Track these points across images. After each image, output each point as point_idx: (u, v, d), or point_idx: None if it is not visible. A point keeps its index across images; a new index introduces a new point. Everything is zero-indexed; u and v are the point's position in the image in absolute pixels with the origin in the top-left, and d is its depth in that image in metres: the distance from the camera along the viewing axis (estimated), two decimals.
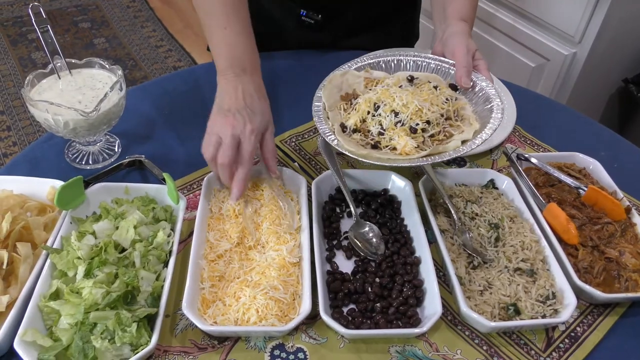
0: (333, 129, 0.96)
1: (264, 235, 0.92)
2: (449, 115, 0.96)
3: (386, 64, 1.10)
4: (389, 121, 0.94)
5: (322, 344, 0.82)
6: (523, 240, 0.92)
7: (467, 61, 1.01)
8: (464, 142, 0.93)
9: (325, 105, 1.00)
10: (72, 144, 1.11)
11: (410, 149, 0.90)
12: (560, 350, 0.82)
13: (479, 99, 1.00)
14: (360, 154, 0.89)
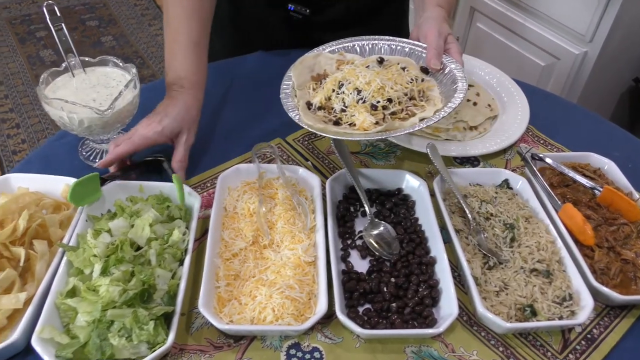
0: (298, 106, 0.99)
1: (279, 235, 0.92)
2: (413, 95, 0.99)
3: (361, 47, 1.12)
4: (352, 99, 0.96)
5: (338, 344, 0.81)
6: (539, 240, 0.91)
7: (437, 44, 1.04)
8: (423, 119, 0.94)
9: (295, 84, 1.03)
10: (85, 142, 1.11)
11: (369, 124, 0.92)
12: (576, 352, 0.82)
13: (447, 81, 1.02)
14: (317, 128, 0.92)
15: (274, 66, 1.12)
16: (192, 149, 1.08)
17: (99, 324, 0.75)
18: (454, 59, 1.04)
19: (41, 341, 0.73)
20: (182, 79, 1.05)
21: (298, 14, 1.33)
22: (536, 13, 2.08)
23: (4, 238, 0.81)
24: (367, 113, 0.94)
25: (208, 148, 1.13)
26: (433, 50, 1.04)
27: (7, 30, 3.74)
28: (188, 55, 1.08)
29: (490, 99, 1.27)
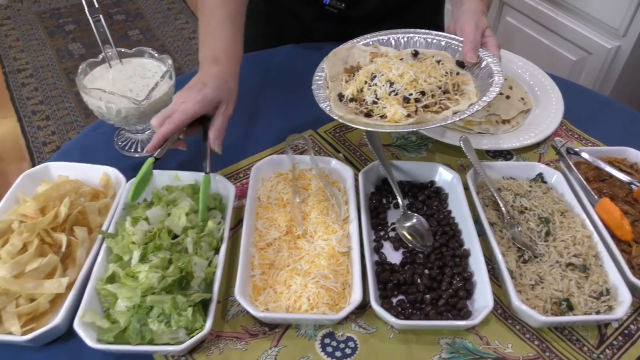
0: (329, 97, 0.98)
1: (312, 225, 0.93)
2: (447, 89, 0.97)
3: (396, 40, 1.11)
4: (384, 91, 0.96)
5: (372, 334, 0.82)
6: (575, 235, 0.91)
7: (474, 37, 1.03)
8: (456, 112, 0.93)
9: (327, 75, 1.03)
10: (120, 132, 1.13)
11: (400, 117, 0.91)
12: (613, 347, 0.81)
13: (484, 75, 1.01)
14: (348, 119, 0.91)
15: (307, 58, 1.13)
16: (225, 140, 1.09)
17: (138, 309, 0.76)
18: (491, 53, 1.03)
19: (83, 325, 0.75)
20: (217, 52, 1.03)
21: (333, 9, 1.32)
22: (568, 7, 2.05)
23: (46, 224, 0.83)
24: (398, 105, 0.93)
25: (241, 139, 1.14)
26: (469, 44, 1.02)
27: (36, 23, 3.81)
28: (224, 30, 1.05)
29: (524, 93, 1.25)
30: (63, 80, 3.25)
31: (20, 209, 0.86)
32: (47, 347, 0.79)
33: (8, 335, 0.76)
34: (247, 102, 1.24)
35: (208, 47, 1.04)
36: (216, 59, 1.01)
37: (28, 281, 0.78)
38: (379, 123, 0.92)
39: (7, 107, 3.05)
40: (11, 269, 0.78)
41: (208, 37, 1.05)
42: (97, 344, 0.74)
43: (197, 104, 0.94)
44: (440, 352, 0.80)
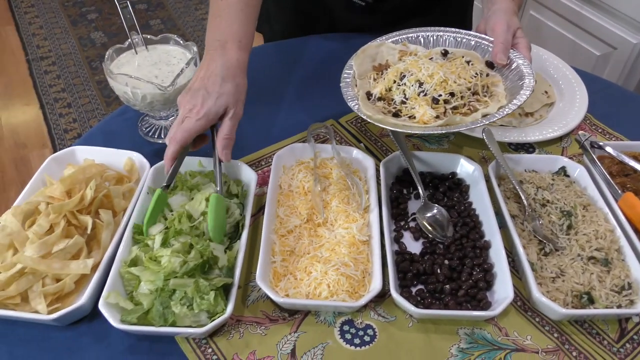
0: (358, 95, 0.98)
1: (333, 213, 0.93)
2: (477, 90, 0.96)
3: (425, 38, 1.10)
4: (413, 91, 0.94)
5: (391, 322, 0.82)
6: (597, 229, 0.90)
7: (505, 38, 1.00)
8: (486, 115, 0.92)
9: (356, 73, 1.02)
10: (144, 118, 1.14)
11: (429, 118, 0.90)
12: (634, 342, 0.81)
13: (514, 77, 0.99)
14: (376, 118, 0.91)
15: (333, 50, 1.13)
16: (248, 128, 1.10)
17: (161, 292, 0.78)
18: (522, 54, 1.01)
19: (107, 305, 0.77)
20: (226, 37, 0.97)
21: (361, 1, 1.32)
22: (593, 1, 2.02)
23: (72, 206, 0.85)
24: (427, 106, 0.92)
25: (264, 127, 1.15)
26: (500, 45, 1.00)
27: (59, 12, 3.85)
28: (237, 14, 1.00)
29: (547, 86, 1.24)
30: (85, 68, 3.29)
31: (48, 191, 0.87)
32: (72, 326, 0.81)
33: (34, 314, 0.78)
34: (271, 90, 1.24)
35: (217, 30, 0.99)
36: (224, 45, 0.96)
37: (54, 261, 0.80)
38: (407, 124, 0.91)
39: (30, 94, 3.10)
40: (38, 249, 0.80)
41: (217, 18, 1.00)
42: (120, 324, 0.75)
43: (200, 120, 0.89)
44: (458, 342, 0.80)
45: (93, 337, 0.79)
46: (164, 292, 0.78)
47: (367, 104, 0.95)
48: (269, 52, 1.09)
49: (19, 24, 3.70)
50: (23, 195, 0.91)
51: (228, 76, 0.93)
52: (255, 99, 1.22)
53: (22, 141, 2.78)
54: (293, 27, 1.46)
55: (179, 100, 0.93)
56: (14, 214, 0.83)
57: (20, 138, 2.80)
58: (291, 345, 0.79)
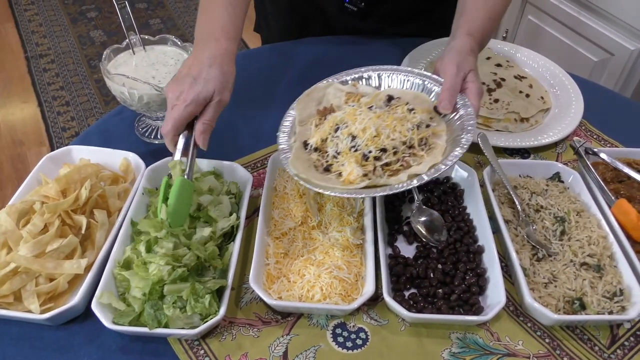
0: (292, 146, 0.93)
1: (327, 216, 0.93)
2: (413, 144, 0.88)
3: (377, 78, 1.02)
4: (345, 145, 0.88)
5: (383, 326, 0.82)
6: (590, 235, 0.90)
7: (452, 83, 0.92)
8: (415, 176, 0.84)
9: (297, 119, 0.97)
10: (141, 119, 1.14)
11: (355, 177, 0.84)
12: (625, 348, 0.81)
13: (457, 127, 0.90)
14: (301, 177, 0.85)
15: (328, 52, 1.14)
16: (244, 130, 1.10)
17: (150, 297, 0.77)
18: (469, 102, 0.91)
19: (100, 306, 0.77)
20: (214, 30, 0.97)
21: (353, 6, 1.32)
22: (591, 7, 2.03)
23: (67, 206, 0.85)
24: (356, 164, 0.85)
25: (259, 129, 1.15)
26: (446, 92, 0.91)
27: (59, 10, 3.85)
28: (226, 8, 0.99)
29: (543, 92, 1.25)
30: (84, 66, 3.29)
31: (42, 190, 0.88)
32: (64, 326, 0.81)
33: (27, 313, 0.78)
34: (266, 92, 1.25)
35: (206, 24, 1.00)
36: (212, 37, 0.97)
37: (48, 261, 0.80)
38: (330, 185, 0.84)
39: (29, 91, 3.10)
40: (32, 248, 0.80)
41: (206, 14, 1.00)
42: (113, 324, 0.76)
43: (189, 106, 0.88)
44: (450, 347, 0.80)
45: (85, 337, 0.80)
46: (152, 297, 0.77)
47: (300, 157, 0.90)
48: (264, 55, 1.10)
49: (18, 21, 3.70)
50: (18, 194, 0.91)
51: (215, 63, 0.93)
52: (251, 101, 1.22)
53: (19, 139, 2.78)
54: (289, 28, 1.47)
55: (166, 89, 0.92)
56: (9, 212, 0.84)
57: (17, 136, 2.80)
58: (283, 347, 0.79)
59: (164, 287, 0.78)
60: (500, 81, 1.25)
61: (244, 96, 1.23)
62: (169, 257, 0.80)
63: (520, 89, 1.23)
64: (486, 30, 1.03)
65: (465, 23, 1.01)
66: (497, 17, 1.05)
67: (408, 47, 1.32)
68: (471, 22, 1.01)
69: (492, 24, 1.04)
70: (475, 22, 1.01)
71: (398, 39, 1.41)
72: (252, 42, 3.53)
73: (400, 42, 1.38)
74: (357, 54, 1.37)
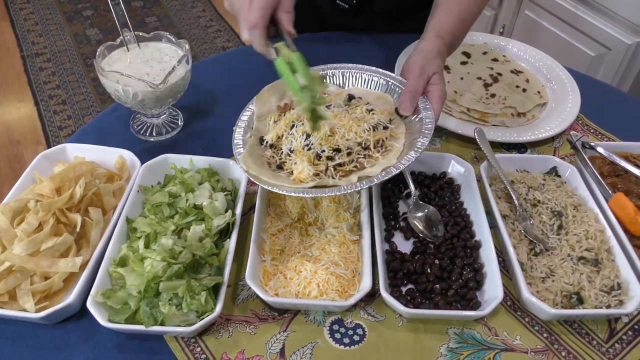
0: (247, 140, 0.92)
1: (323, 213, 0.93)
2: (368, 145, 0.87)
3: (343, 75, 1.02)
4: (299, 143, 0.87)
5: (381, 322, 0.82)
6: (587, 229, 0.90)
7: (414, 85, 0.91)
8: (366, 177, 0.83)
9: (255, 113, 0.96)
10: (136, 116, 1.14)
11: (306, 176, 0.83)
12: (623, 342, 0.81)
13: (416, 130, 0.89)
14: (251, 174, 0.85)
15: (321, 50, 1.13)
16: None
17: (145, 294, 0.77)
18: (431, 106, 0.90)
19: (95, 304, 0.76)
20: None
21: (345, 4, 1.32)
22: (589, 1, 2.03)
23: (61, 204, 0.84)
24: (307, 163, 0.85)
25: None
26: (407, 93, 0.91)
27: (55, 8, 3.83)
28: None
29: (540, 86, 1.24)
30: (80, 65, 3.28)
31: (37, 188, 0.87)
32: (60, 324, 0.80)
33: (22, 312, 0.77)
34: (260, 89, 1.24)
35: None
36: None
37: (43, 259, 0.80)
38: (279, 183, 0.83)
39: (25, 90, 3.09)
40: (27, 247, 0.79)
41: None
42: (109, 323, 0.75)
43: None
44: (448, 342, 0.80)
45: (81, 336, 0.79)
46: (147, 294, 0.77)
47: (254, 153, 0.89)
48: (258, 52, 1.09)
49: (14, 20, 3.69)
50: (12, 192, 0.90)
51: None
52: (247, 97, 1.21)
53: (16, 138, 2.77)
54: None
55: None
56: (3, 211, 0.83)
57: (14, 135, 2.79)
58: (280, 344, 0.79)
59: (159, 285, 0.77)
60: (497, 76, 1.25)
61: (239, 93, 1.22)
62: (166, 252, 0.80)
63: (517, 84, 1.23)
64: (457, 32, 1.02)
65: (435, 24, 1.01)
66: (470, 19, 1.04)
67: (401, 44, 1.31)
68: (441, 23, 1.01)
69: (463, 25, 1.03)
70: (445, 23, 1.01)
71: (391, 36, 1.40)
72: None
73: (393, 39, 1.37)
74: (350, 50, 1.36)
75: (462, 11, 1.02)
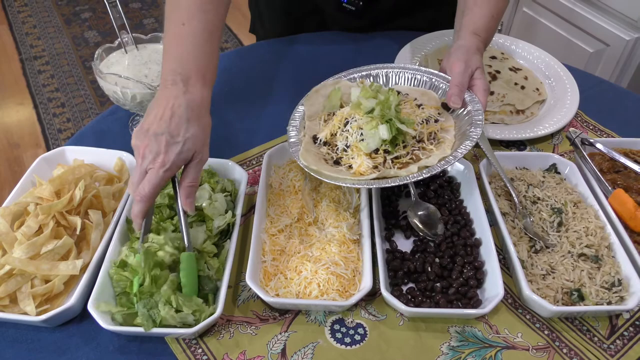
0: (302, 140, 0.94)
1: (323, 212, 0.93)
2: (422, 138, 0.90)
3: (384, 76, 1.04)
4: (355, 138, 0.88)
5: (382, 321, 0.82)
6: (587, 226, 0.90)
7: (460, 80, 0.94)
8: (424, 168, 0.85)
9: (306, 114, 0.98)
10: (135, 118, 1.14)
11: (366, 169, 0.85)
12: (624, 338, 0.81)
13: (465, 122, 0.92)
14: (312, 169, 0.86)
15: (324, 48, 1.13)
16: (238, 127, 1.09)
17: (141, 296, 0.77)
18: (476, 98, 0.94)
19: (97, 306, 0.76)
20: (189, 70, 0.85)
21: (351, 6, 1.32)
22: None
23: (61, 207, 0.84)
24: (366, 156, 0.87)
25: (254, 126, 1.15)
26: (455, 87, 0.93)
27: (53, 11, 3.83)
28: (202, 45, 0.88)
29: (539, 83, 1.24)
30: (79, 67, 3.28)
31: (36, 191, 0.87)
32: (61, 327, 0.80)
33: (23, 315, 0.77)
34: (261, 89, 1.24)
35: (178, 60, 0.86)
36: (186, 80, 0.85)
37: (43, 262, 0.80)
38: (342, 177, 0.85)
39: (24, 93, 3.09)
40: (27, 250, 0.79)
41: (178, 47, 0.88)
42: (110, 325, 0.75)
43: (167, 171, 0.79)
44: (449, 340, 0.80)
45: (82, 338, 0.79)
46: (144, 295, 0.77)
47: (310, 150, 0.91)
48: (258, 52, 1.09)
49: (12, 23, 3.69)
50: (12, 195, 0.90)
51: (193, 117, 0.82)
52: (246, 98, 1.22)
53: (15, 141, 2.77)
54: (284, 26, 1.46)
55: (134, 143, 0.81)
56: (3, 214, 0.83)
57: (13, 138, 2.79)
58: (281, 344, 0.79)
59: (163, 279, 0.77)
60: (496, 73, 1.25)
61: (238, 93, 1.23)
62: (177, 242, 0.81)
63: (515, 81, 1.23)
64: (490, 29, 1.05)
65: (470, 22, 1.03)
66: (499, 15, 1.07)
67: (403, 41, 1.32)
68: (476, 21, 1.03)
69: (495, 22, 1.06)
70: (480, 21, 1.03)
71: (392, 33, 1.40)
72: (248, 42, 3.52)
73: (395, 36, 1.38)
74: (352, 49, 1.37)
75: (493, 7, 1.04)
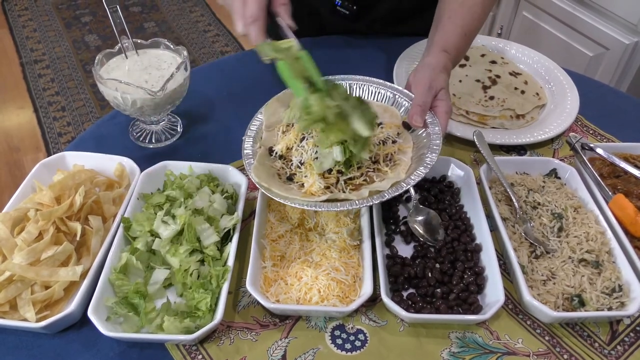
0: (257, 151, 0.91)
1: (323, 218, 0.93)
2: (378, 159, 0.88)
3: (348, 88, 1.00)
4: (309, 155, 0.87)
5: (382, 327, 0.82)
6: (588, 231, 0.90)
7: (423, 99, 0.91)
8: (376, 192, 0.83)
9: (264, 124, 0.95)
10: (135, 123, 1.14)
11: (317, 189, 0.84)
12: (625, 344, 0.81)
13: (423, 145, 0.90)
14: (263, 186, 0.84)
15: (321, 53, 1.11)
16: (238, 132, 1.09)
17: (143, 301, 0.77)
18: (437, 121, 0.91)
19: (97, 313, 0.76)
20: None
21: (345, 10, 1.32)
22: (586, 2, 2.03)
23: (61, 213, 0.84)
24: (318, 176, 0.85)
25: None
26: (417, 107, 0.91)
27: (53, 14, 3.84)
28: None
29: (539, 88, 1.24)
30: (79, 71, 3.28)
31: (37, 197, 0.87)
32: (61, 334, 0.80)
33: (23, 322, 0.77)
34: (261, 94, 1.24)
35: None
36: None
37: (43, 269, 0.79)
38: (291, 196, 0.82)
39: (24, 97, 3.09)
40: (27, 256, 0.79)
41: None
42: (110, 331, 0.75)
43: None
44: (450, 346, 0.80)
45: (82, 344, 0.79)
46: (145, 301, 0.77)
47: (264, 164, 0.88)
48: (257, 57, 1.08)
49: (12, 26, 3.70)
50: (12, 201, 0.90)
51: None
52: (244, 103, 1.21)
53: (15, 145, 2.77)
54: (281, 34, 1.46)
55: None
56: (3, 220, 0.83)
57: (13, 142, 2.79)
58: (282, 350, 0.79)
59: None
60: (496, 78, 1.25)
61: (237, 98, 1.23)
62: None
63: (515, 86, 1.23)
64: (461, 48, 1.03)
65: (441, 39, 1.01)
66: (472, 34, 1.05)
67: (399, 48, 1.31)
68: (447, 38, 1.01)
69: (467, 40, 1.04)
70: (451, 39, 1.01)
71: (389, 39, 1.40)
72: (248, 46, 3.52)
73: (392, 43, 1.38)
74: (350, 54, 1.37)
75: (466, 25, 1.02)
